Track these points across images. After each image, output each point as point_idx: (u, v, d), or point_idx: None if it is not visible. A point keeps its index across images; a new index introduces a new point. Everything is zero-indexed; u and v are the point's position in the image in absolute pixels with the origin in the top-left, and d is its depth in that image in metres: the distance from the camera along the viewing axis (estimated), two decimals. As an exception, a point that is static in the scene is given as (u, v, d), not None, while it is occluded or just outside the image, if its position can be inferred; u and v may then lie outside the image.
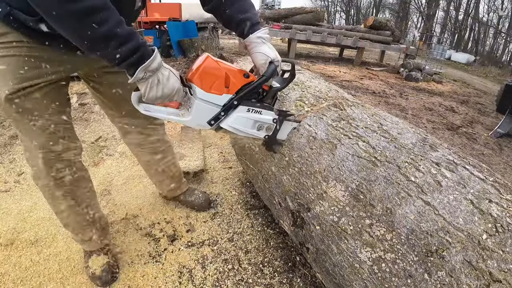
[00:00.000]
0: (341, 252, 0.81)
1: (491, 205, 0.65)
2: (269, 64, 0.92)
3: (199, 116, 0.88)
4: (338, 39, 7.23)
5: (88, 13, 0.62)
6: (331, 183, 0.89)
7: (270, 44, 0.95)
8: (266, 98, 0.97)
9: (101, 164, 1.91)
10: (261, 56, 0.92)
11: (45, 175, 0.93)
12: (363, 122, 0.99)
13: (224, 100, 0.88)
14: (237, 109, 0.91)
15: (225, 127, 0.93)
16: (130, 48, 0.68)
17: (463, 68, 13.30)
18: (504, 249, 0.59)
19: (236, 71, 0.88)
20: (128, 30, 0.68)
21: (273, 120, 0.99)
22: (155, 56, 0.73)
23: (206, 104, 0.87)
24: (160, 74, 0.77)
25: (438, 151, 0.82)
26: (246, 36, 0.95)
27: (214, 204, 1.60)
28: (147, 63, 0.71)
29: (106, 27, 0.64)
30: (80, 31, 0.64)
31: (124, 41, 0.67)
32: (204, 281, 1.17)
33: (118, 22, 0.66)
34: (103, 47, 0.67)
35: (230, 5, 0.94)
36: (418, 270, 0.65)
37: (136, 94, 0.83)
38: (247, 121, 0.94)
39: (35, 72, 0.80)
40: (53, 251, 1.25)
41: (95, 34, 0.64)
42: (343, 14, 36.33)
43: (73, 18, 0.61)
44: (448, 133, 3.36)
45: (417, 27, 28.17)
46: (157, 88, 0.77)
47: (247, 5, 0.96)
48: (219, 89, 0.86)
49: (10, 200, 1.53)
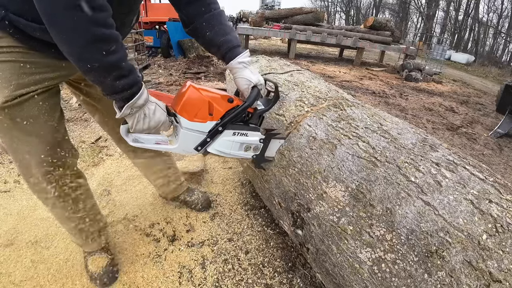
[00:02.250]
0: (341, 252, 0.81)
1: (491, 205, 0.65)
2: (252, 89, 0.94)
3: (185, 144, 0.91)
4: (338, 39, 7.24)
5: (102, 39, 0.63)
6: (331, 183, 0.89)
7: (252, 68, 0.97)
8: (252, 120, 0.99)
9: (101, 165, 1.91)
10: (243, 81, 0.94)
11: (41, 184, 0.91)
12: (363, 122, 0.99)
13: (209, 127, 0.90)
14: (222, 133, 0.93)
15: (212, 152, 0.96)
16: (128, 82, 0.71)
17: (463, 68, 13.31)
18: (504, 249, 0.59)
19: (219, 97, 0.90)
20: (130, 65, 0.71)
21: (260, 140, 1.01)
22: (142, 92, 0.75)
23: (191, 133, 0.90)
24: (147, 109, 0.79)
25: (438, 151, 0.82)
26: (227, 61, 0.97)
27: (214, 204, 1.60)
28: (133, 101, 0.74)
29: (114, 57, 0.66)
30: (86, 53, 0.64)
31: (125, 74, 0.69)
32: (204, 281, 1.17)
33: (125, 56, 0.69)
34: (104, 75, 0.68)
35: (211, 28, 0.95)
36: (418, 270, 0.65)
37: (125, 127, 0.86)
38: (234, 144, 0.97)
39: (30, 79, 0.78)
40: (53, 251, 1.25)
41: (102, 60, 0.65)
42: (343, 15, 36.37)
43: (85, 40, 0.62)
44: (448, 133, 3.36)
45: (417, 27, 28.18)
46: (144, 122, 0.80)
47: (227, 29, 0.96)
48: (203, 117, 0.88)
49: (10, 200, 1.53)
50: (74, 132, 2.33)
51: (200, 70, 4.75)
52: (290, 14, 7.95)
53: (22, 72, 0.76)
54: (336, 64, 7.66)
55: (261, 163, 1.11)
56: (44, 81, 0.81)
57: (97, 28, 0.62)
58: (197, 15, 0.94)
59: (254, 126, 0.99)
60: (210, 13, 0.94)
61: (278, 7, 16.25)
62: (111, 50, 0.65)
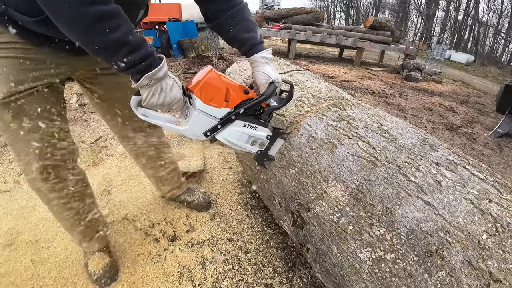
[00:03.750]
0: (341, 252, 0.81)
1: (491, 205, 0.65)
2: (269, 84, 0.94)
3: (196, 127, 0.90)
4: (337, 39, 7.24)
5: (102, 18, 0.61)
6: (331, 183, 0.89)
7: (272, 65, 0.97)
8: (262, 115, 0.99)
9: (100, 164, 1.91)
10: (263, 75, 0.94)
11: (41, 181, 0.91)
12: (363, 122, 0.99)
13: (222, 113, 0.90)
14: (234, 123, 0.93)
15: (220, 139, 0.95)
16: (140, 56, 0.69)
17: (463, 68, 13.32)
18: (504, 249, 0.59)
19: (237, 86, 0.90)
20: (139, 38, 0.68)
21: (267, 136, 1.02)
22: (163, 65, 0.74)
23: (204, 116, 0.89)
24: (164, 83, 0.78)
25: (438, 151, 0.82)
26: (250, 55, 0.96)
27: (214, 204, 1.60)
28: (153, 72, 0.72)
29: (118, 34, 0.64)
30: (91, 36, 0.63)
31: (134, 48, 0.67)
32: (204, 281, 1.17)
33: (130, 29, 0.67)
34: (113, 53, 0.67)
35: (235, 24, 0.94)
36: (418, 270, 0.65)
37: (136, 98, 0.84)
38: (242, 136, 0.97)
39: (31, 75, 0.78)
40: (53, 251, 1.25)
41: (107, 39, 0.64)
42: (343, 14, 36.37)
43: (86, 22, 0.61)
44: (448, 133, 3.36)
45: (417, 27, 28.19)
46: (159, 96, 0.78)
47: (251, 25, 0.96)
48: (218, 102, 0.88)
49: (10, 200, 1.53)
50: (74, 132, 2.32)
51: (200, 70, 4.74)
52: (290, 14, 7.95)
53: (22, 68, 0.76)
54: (336, 64, 7.66)
55: (264, 160, 1.12)
56: (44, 77, 0.81)
57: (94, 6, 0.60)
58: (220, 11, 0.93)
59: (264, 122, 0.99)
60: (233, 9, 0.93)
61: (278, 7, 16.26)
62: (114, 27, 0.63)
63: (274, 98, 1.00)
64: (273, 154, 1.11)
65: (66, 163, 0.95)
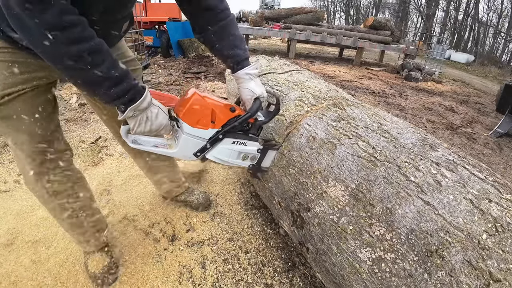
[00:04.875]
0: (341, 252, 0.81)
1: (491, 205, 0.65)
2: (254, 100, 0.95)
3: (185, 149, 0.92)
4: (337, 39, 7.24)
5: (85, 55, 0.62)
6: (331, 183, 0.89)
7: (257, 80, 0.98)
8: (251, 130, 1.01)
9: (100, 164, 1.91)
10: (247, 91, 0.96)
11: (36, 182, 0.91)
12: (363, 122, 0.99)
13: (210, 134, 0.92)
14: (222, 141, 0.95)
15: (210, 158, 0.97)
16: (123, 89, 0.70)
17: (463, 68, 13.32)
18: (504, 249, 0.59)
19: (222, 105, 0.91)
20: (121, 71, 0.70)
21: (258, 150, 1.04)
22: (146, 96, 0.76)
23: (192, 138, 0.91)
24: (149, 112, 0.79)
25: (438, 151, 0.82)
26: (235, 71, 0.97)
27: (214, 204, 1.60)
28: (137, 104, 0.74)
29: (101, 69, 0.65)
30: (73, 71, 0.65)
31: (117, 82, 0.69)
32: (204, 281, 1.17)
33: (112, 63, 0.68)
34: (96, 88, 0.68)
35: (220, 40, 0.94)
36: (418, 270, 0.65)
37: (125, 127, 0.87)
38: (232, 152, 0.99)
39: (18, 78, 0.77)
40: (53, 251, 1.25)
41: (90, 75, 0.65)
42: (343, 14, 36.37)
43: (69, 60, 0.62)
44: (448, 133, 3.36)
45: (417, 27, 28.18)
46: (145, 125, 0.80)
47: (237, 40, 0.96)
48: (205, 124, 0.90)
49: (10, 200, 1.53)
50: (74, 132, 2.33)
51: (200, 70, 4.74)
52: (290, 14, 7.95)
53: (10, 71, 0.76)
54: (336, 63, 7.66)
55: (257, 172, 1.14)
56: (33, 80, 0.80)
57: (77, 45, 0.61)
58: (206, 25, 0.93)
59: (253, 136, 1.01)
60: (219, 23, 0.92)
61: (278, 7, 16.24)
62: (97, 63, 0.65)
63: (262, 112, 1.02)
64: (266, 166, 1.12)
65: (61, 164, 0.94)
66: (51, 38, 0.58)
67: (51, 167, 0.92)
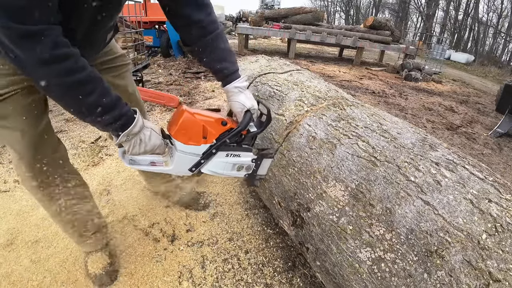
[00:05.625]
0: (341, 252, 0.81)
1: (491, 205, 0.65)
2: (245, 113, 0.96)
3: (180, 166, 0.94)
4: (337, 39, 7.24)
5: (77, 86, 0.65)
6: (330, 183, 0.89)
7: (247, 92, 0.99)
8: (244, 141, 1.02)
9: (100, 164, 1.91)
10: (238, 104, 0.97)
11: (30, 182, 0.91)
12: (362, 122, 0.99)
13: (203, 149, 0.94)
14: (216, 155, 0.96)
15: (205, 172, 0.99)
16: (114, 116, 0.73)
17: (463, 68, 13.32)
18: (503, 249, 0.59)
19: (213, 121, 0.92)
20: (112, 98, 0.72)
21: (252, 160, 1.05)
22: (137, 121, 0.78)
23: (186, 155, 0.93)
24: (142, 135, 0.82)
25: (438, 151, 0.82)
26: (224, 85, 0.99)
27: (214, 204, 1.60)
28: (129, 129, 0.76)
29: (92, 98, 0.68)
30: (66, 100, 0.68)
31: (108, 110, 0.71)
32: (204, 281, 1.17)
33: (103, 91, 0.70)
34: (88, 115, 0.70)
35: (207, 54, 0.95)
36: (417, 269, 0.65)
37: (121, 149, 0.89)
38: (227, 165, 1.00)
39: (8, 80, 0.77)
40: (53, 251, 1.25)
41: (82, 104, 0.67)
42: (343, 14, 36.37)
43: (62, 91, 0.65)
44: (448, 133, 3.36)
45: (417, 27, 28.19)
46: (139, 147, 0.83)
47: (225, 54, 0.96)
48: (197, 140, 0.92)
49: (10, 200, 1.53)
50: (73, 132, 2.33)
51: (200, 70, 4.74)
52: (289, 14, 7.95)
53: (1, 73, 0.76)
54: (335, 63, 7.66)
55: (254, 181, 1.15)
56: (23, 81, 0.80)
57: (70, 77, 0.63)
58: (193, 39, 0.93)
59: (247, 147, 1.03)
60: (207, 37, 0.92)
61: (277, 7, 16.25)
62: (89, 92, 0.67)
63: (254, 122, 1.04)
64: (262, 173, 1.14)
65: (54, 163, 0.94)
66: (44, 71, 0.61)
67: (45, 166, 0.91)
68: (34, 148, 0.87)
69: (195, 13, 0.88)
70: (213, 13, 0.93)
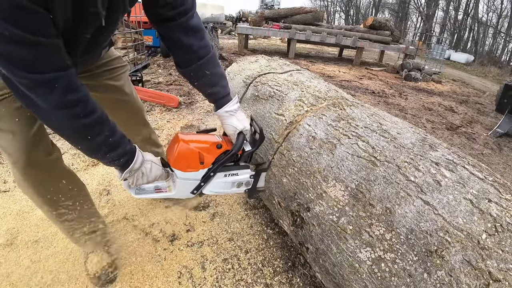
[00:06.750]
0: (341, 252, 0.81)
1: (491, 205, 0.65)
2: (238, 135, 1.00)
3: (182, 190, 1.00)
4: (337, 39, 7.24)
5: (86, 128, 0.70)
6: (330, 183, 0.89)
7: (238, 114, 1.02)
8: (241, 160, 1.06)
9: (100, 164, 1.90)
10: (230, 127, 1.01)
11: (23, 183, 0.91)
12: (362, 122, 0.99)
13: (201, 174, 0.99)
14: (215, 176, 1.01)
15: (206, 193, 1.05)
16: (118, 154, 0.79)
17: (463, 68, 13.33)
18: (503, 249, 0.59)
19: (208, 146, 0.97)
20: (118, 137, 0.78)
21: (250, 176, 1.10)
22: (137, 157, 0.84)
23: (186, 181, 0.98)
24: (143, 168, 0.88)
25: (438, 151, 0.82)
26: (215, 109, 1.02)
27: (214, 204, 1.60)
28: (131, 167, 0.83)
29: (99, 138, 0.73)
30: (75, 140, 0.74)
31: (113, 148, 0.77)
32: (204, 281, 1.17)
33: (110, 132, 0.76)
34: (94, 153, 0.76)
35: (199, 78, 0.96)
36: (417, 269, 0.65)
37: (126, 182, 0.93)
38: (226, 184, 1.05)
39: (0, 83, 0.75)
40: (53, 251, 1.25)
41: (89, 143, 0.73)
42: (343, 14, 36.38)
43: (71, 131, 0.71)
44: (448, 133, 3.37)
45: (417, 27, 28.20)
46: (142, 179, 0.90)
47: (215, 78, 0.97)
48: (194, 166, 0.97)
49: (10, 200, 1.53)
50: (73, 132, 2.32)
51: (200, 70, 4.74)
52: (289, 14, 7.94)
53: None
54: (335, 63, 7.66)
55: (253, 194, 1.19)
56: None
57: (78, 120, 0.68)
58: (185, 63, 0.94)
59: (244, 164, 1.07)
60: (198, 62, 0.92)
61: (277, 7, 16.25)
62: (96, 133, 0.72)
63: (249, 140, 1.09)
64: (261, 186, 1.18)
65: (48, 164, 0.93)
66: (56, 115, 0.66)
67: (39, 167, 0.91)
68: (27, 151, 0.86)
69: (186, 38, 0.89)
70: (205, 38, 0.93)
